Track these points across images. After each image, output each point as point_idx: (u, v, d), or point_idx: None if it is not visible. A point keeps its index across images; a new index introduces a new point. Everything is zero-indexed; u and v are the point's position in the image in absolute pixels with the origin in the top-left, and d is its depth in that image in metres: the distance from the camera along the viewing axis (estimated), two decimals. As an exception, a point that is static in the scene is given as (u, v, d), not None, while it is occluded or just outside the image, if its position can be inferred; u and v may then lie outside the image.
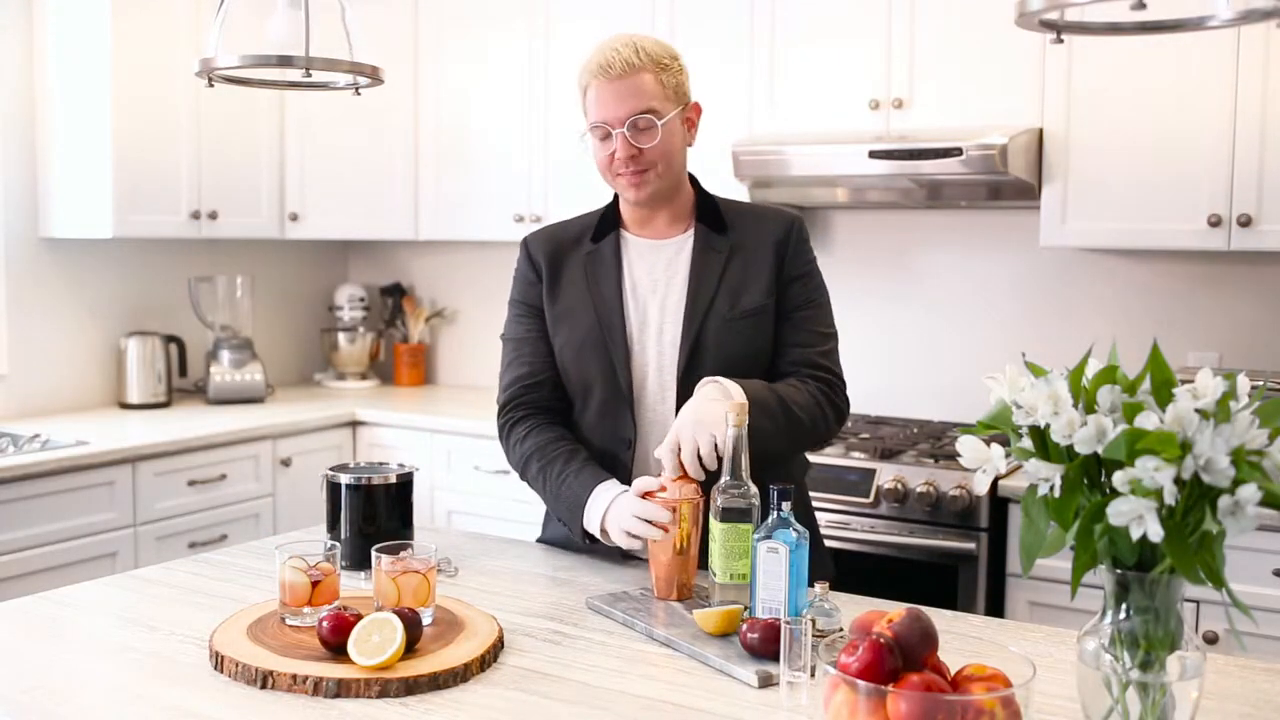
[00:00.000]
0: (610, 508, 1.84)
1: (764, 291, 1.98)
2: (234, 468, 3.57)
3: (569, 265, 2.06)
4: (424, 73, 4.11)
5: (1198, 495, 1.10)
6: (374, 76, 2.04)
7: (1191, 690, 1.18)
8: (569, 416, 2.07)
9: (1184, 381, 1.16)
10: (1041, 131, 3.05)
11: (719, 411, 1.75)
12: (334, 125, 4.09)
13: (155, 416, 3.73)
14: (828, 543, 2.28)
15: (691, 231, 2.03)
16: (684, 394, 1.94)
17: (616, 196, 2.05)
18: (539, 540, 2.18)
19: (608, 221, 2.07)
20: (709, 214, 2.04)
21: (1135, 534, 1.08)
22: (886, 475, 2.97)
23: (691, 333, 1.97)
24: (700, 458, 1.77)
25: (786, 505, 1.61)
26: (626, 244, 2.05)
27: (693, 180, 2.07)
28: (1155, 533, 1.07)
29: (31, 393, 3.72)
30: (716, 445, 1.75)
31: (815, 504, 2.33)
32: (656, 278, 2.02)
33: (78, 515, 3.15)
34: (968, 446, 1.23)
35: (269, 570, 1.84)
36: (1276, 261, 3.13)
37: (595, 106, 1.93)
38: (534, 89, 3.89)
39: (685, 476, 1.78)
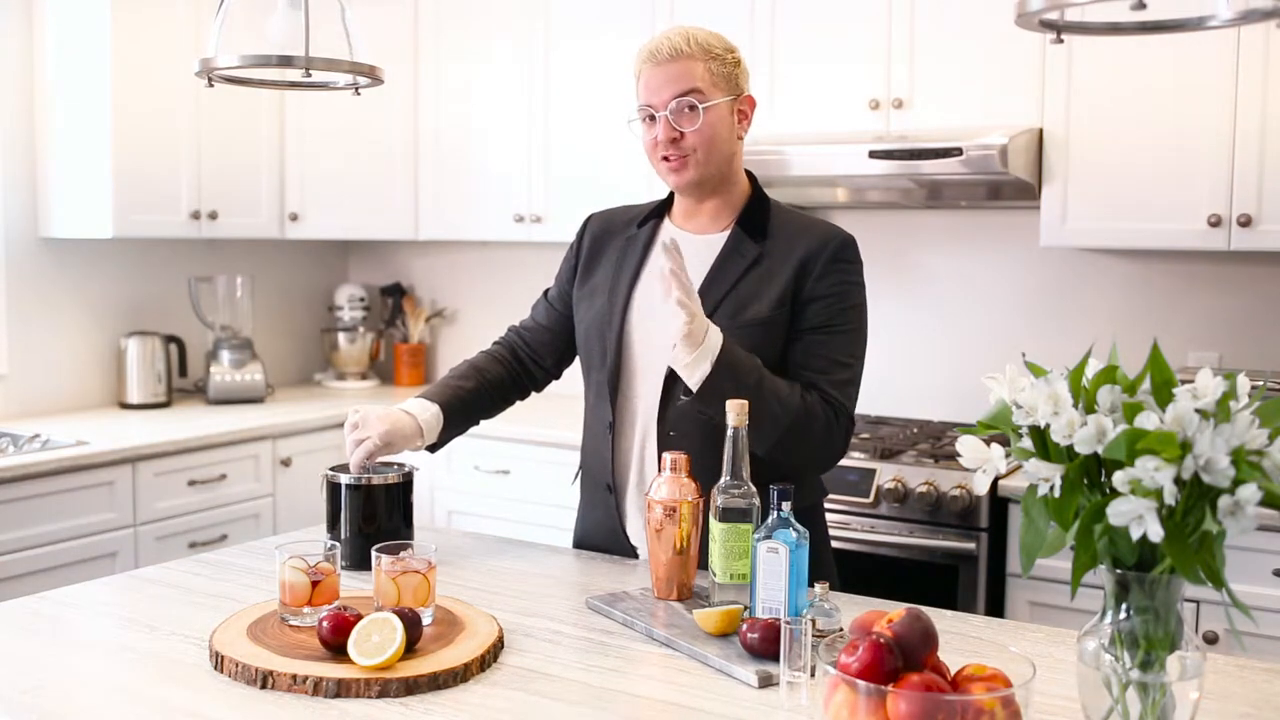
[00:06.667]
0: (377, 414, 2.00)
1: (773, 304, 1.91)
2: (234, 468, 3.57)
3: (610, 247, 2.09)
4: (424, 73, 4.11)
5: (1198, 495, 1.10)
6: (374, 76, 2.04)
7: (1191, 690, 1.18)
8: (523, 366, 2.20)
9: (1184, 381, 1.16)
10: (1041, 131, 3.05)
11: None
12: (334, 125, 4.09)
13: (155, 416, 3.73)
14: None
15: (729, 231, 1.99)
16: (669, 393, 1.93)
17: None
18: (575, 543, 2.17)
19: (658, 210, 2.08)
20: (753, 217, 1.98)
21: (1135, 534, 1.08)
22: (886, 475, 2.97)
23: None
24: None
25: (787, 505, 1.61)
26: (664, 234, 2.04)
27: (753, 181, 2.04)
28: (1155, 533, 1.07)
29: (31, 393, 3.72)
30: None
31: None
32: None
33: (78, 515, 3.15)
34: (968, 446, 1.23)
35: (269, 570, 1.84)
36: (1276, 261, 3.13)
37: (643, 90, 1.95)
38: (534, 88, 3.89)
39: (689, 474, 1.78)
